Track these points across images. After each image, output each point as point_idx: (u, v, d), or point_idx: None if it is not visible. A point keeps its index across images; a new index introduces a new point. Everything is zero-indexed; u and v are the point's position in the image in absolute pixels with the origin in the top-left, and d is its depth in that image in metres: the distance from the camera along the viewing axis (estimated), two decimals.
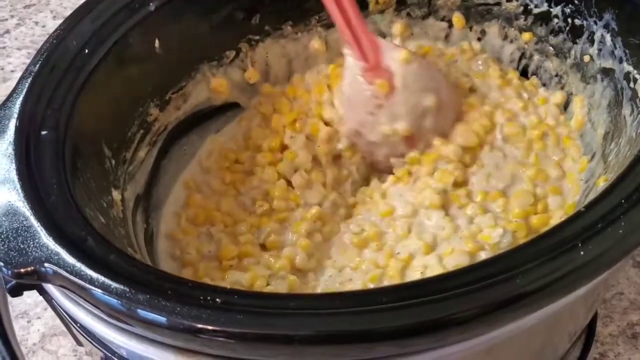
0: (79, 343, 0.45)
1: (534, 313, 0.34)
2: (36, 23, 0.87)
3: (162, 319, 0.33)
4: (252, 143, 0.56)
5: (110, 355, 0.39)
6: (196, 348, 0.34)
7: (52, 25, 0.85)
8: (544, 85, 0.57)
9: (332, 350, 0.33)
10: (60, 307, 0.39)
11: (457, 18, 0.59)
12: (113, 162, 0.48)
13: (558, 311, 0.36)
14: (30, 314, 0.59)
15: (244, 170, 0.55)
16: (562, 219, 0.37)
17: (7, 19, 0.88)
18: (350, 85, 0.53)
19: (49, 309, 0.54)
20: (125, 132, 0.50)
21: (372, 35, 0.52)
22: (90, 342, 0.40)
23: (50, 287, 0.37)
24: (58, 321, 0.54)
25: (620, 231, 0.35)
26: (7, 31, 0.86)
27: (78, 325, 0.39)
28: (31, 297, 0.60)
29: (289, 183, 0.54)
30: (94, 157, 0.46)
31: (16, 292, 0.38)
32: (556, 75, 0.56)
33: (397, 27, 0.59)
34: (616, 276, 0.57)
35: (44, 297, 0.40)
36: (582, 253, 0.34)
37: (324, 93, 0.57)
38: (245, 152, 0.56)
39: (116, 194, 0.47)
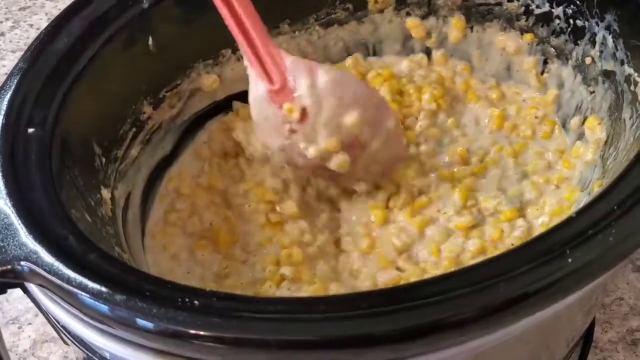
0: (66, 342, 0.45)
1: (522, 320, 0.33)
2: (31, 25, 0.87)
3: (138, 320, 0.32)
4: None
5: (91, 355, 0.38)
6: (174, 351, 0.33)
7: None
8: None
9: (314, 356, 0.32)
10: (44, 306, 0.38)
11: (457, 20, 0.58)
12: (103, 160, 0.47)
13: (551, 317, 0.35)
14: (21, 320, 0.59)
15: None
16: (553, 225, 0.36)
17: (1, 22, 0.88)
18: (256, 107, 0.47)
19: (40, 315, 0.54)
20: (117, 129, 0.50)
21: (277, 51, 0.45)
22: (73, 342, 0.40)
23: (32, 287, 0.37)
24: (49, 327, 0.54)
25: (611, 238, 0.34)
26: (2, 34, 0.86)
27: (60, 325, 0.39)
28: (22, 302, 0.59)
29: None
30: (83, 154, 0.45)
31: None
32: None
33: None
34: (615, 281, 0.56)
35: (27, 295, 0.40)
36: (570, 260, 0.33)
37: None
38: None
39: (106, 193, 0.46)
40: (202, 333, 0.32)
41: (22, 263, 0.35)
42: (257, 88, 0.46)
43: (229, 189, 0.53)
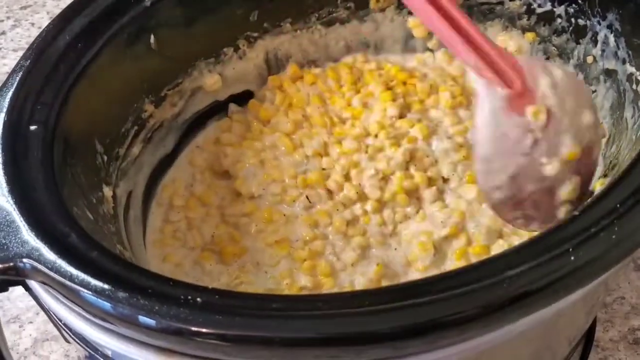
0: (67, 340, 0.44)
1: (524, 318, 0.33)
2: (32, 24, 0.87)
3: (141, 317, 0.32)
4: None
5: (93, 353, 0.38)
6: (177, 348, 0.33)
7: None
8: None
9: (316, 353, 0.32)
10: (45, 304, 0.38)
11: None
12: (105, 158, 0.47)
13: (553, 316, 0.35)
14: (22, 319, 0.59)
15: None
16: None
17: (3, 20, 0.88)
18: (491, 126, 0.40)
19: (41, 313, 0.54)
20: (119, 128, 0.50)
21: (508, 54, 0.39)
22: (75, 340, 0.40)
23: (34, 284, 0.37)
24: (50, 326, 0.54)
25: (614, 236, 0.34)
26: (3, 32, 0.86)
27: (62, 322, 0.39)
28: (23, 301, 0.59)
29: None
30: (85, 152, 0.45)
31: (0, 287, 0.37)
32: None
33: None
34: (616, 280, 0.56)
35: (29, 293, 0.40)
36: (572, 258, 0.33)
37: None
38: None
39: (107, 190, 0.46)
40: (204, 330, 0.31)
41: (24, 260, 0.35)
42: (492, 99, 0.39)
43: (226, 210, 0.52)
